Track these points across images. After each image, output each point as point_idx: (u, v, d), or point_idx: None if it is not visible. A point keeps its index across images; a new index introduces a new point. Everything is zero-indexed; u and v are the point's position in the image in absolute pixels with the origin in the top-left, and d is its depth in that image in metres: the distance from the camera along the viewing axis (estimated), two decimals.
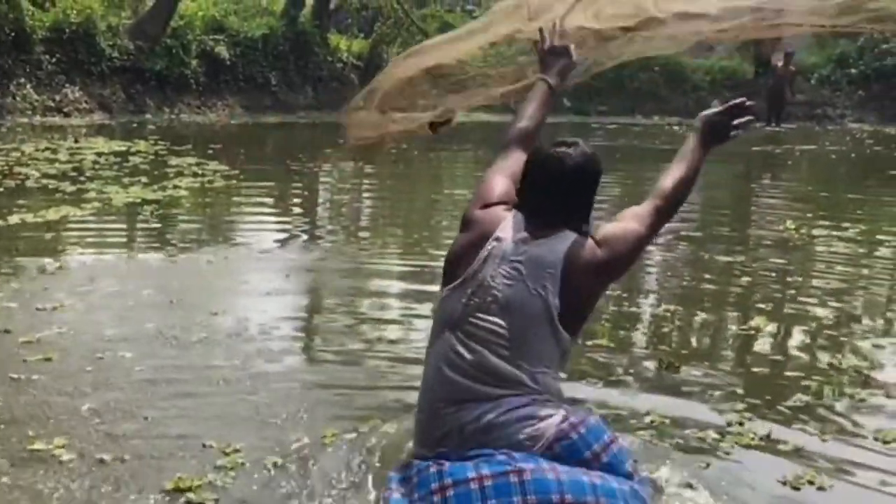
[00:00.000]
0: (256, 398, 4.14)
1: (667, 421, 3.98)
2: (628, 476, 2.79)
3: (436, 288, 3.77)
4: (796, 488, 3.40)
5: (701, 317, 5.83)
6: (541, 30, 3.54)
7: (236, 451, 3.55)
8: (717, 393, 4.41)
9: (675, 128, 21.73)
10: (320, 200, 11.36)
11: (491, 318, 2.87)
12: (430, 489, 2.69)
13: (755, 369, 4.84)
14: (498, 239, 2.96)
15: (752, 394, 4.41)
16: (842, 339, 5.39)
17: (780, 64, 22.39)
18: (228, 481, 3.31)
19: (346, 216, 9.94)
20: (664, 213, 3.11)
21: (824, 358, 4.97)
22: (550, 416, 2.80)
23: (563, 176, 2.99)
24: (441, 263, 3.12)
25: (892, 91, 23.64)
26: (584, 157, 3.02)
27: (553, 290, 2.86)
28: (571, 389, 4.22)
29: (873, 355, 5.06)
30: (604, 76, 24.44)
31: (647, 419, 4.00)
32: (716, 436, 3.85)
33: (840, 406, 4.29)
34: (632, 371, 4.70)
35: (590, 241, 2.95)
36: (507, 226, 2.99)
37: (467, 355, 2.87)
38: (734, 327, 5.63)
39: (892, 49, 23.54)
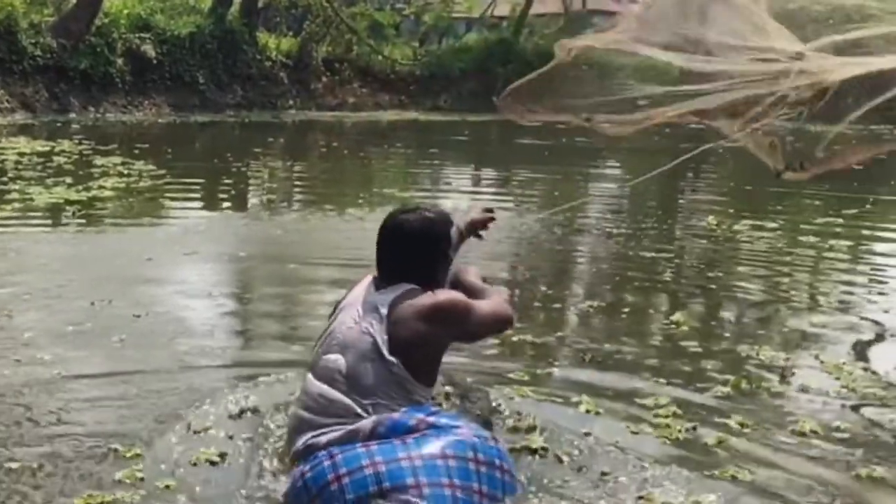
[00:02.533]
0: (177, 399, 4.09)
1: (593, 415, 4.00)
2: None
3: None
4: (720, 480, 3.44)
5: (625, 311, 5.91)
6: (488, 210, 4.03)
7: (137, 454, 3.49)
8: (642, 386, 4.46)
9: (605, 125, 21.95)
10: (249, 199, 11.28)
11: (332, 356, 3.26)
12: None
13: (677, 363, 4.91)
14: (352, 294, 3.44)
15: (675, 387, 4.46)
16: (760, 332, 5.52)
17: None
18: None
19: (275, 215, 9.88)
20: (490, 324, 3.51)
21: (743, 352, 5.06)
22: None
23: (401, 239, 3.41)
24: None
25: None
26: (422, 224, 3.43)
27: (380, 329, 3.23)
28: (498, 386, 4.28)
29: (790, 349, 5.17)
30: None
31: (577, 413, 4.03)
32: (647, 429, 3.89)
33: (758, 399, 4.37)
34: (556, 366, 4.74)
35: (422, 291, 3.34)
36: (361, 284, 3.44)
37: (313, 391, 3.24)
38: (657, 322, 5.72)
39: None
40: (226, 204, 10.64)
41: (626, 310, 5.94)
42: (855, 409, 4.29)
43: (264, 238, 8.42)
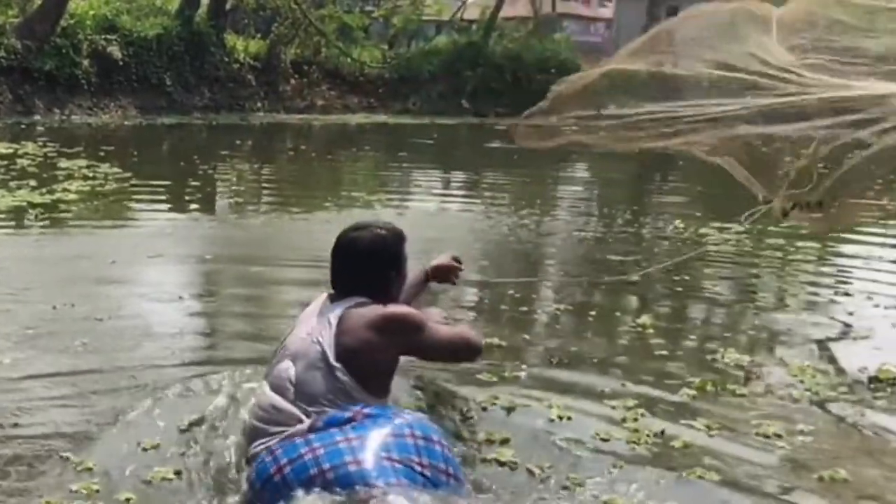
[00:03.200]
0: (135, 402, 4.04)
1: (564, 420, 3.97)
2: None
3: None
4: (687, 483, 3.43)
5: (592, 314, 5.91)
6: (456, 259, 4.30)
7: (89, 468, 3.41)
8: (610, 389, 4.45)
9: (573, 129, 22.03)
10: (216, 202, 11.21)
11: (283, 365, 3.31)
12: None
13: (644, 365, 4.92)
14: (307, 309, 3.52)
15: (642, 390, 4.47)
16: (726, 334, 5.54)
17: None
18: None
19: (242, 218, 9.82)
20: (447, 345, 3.57)
21: (709, 353, 5.08)
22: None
23: (354, 255, 3.51)
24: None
25: None
26: (374, 240, 3.54)
27: (329, 337, 3.28)
28: (465, 386, 4.25)
29: (755, 351, 5.20)
30: (502, 79, 24.77)
31: (547, 417, 4.01)
32: (615, 433, 3.87)
33: (723, 401, 4.38)
34: (524, 368, 4.73)
35: (373, 304, 3.42)
36: (318, 300, 3.53)
37: (265, 401, 3.28)
38: (624, 324, 5.73)
39: None
40: (192, 207, 10.56)
41: (594, 312, 5.94)
42: (818, 410, 4.30)
43: (231, 240, 8.38)
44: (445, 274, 4.26)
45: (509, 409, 4.04)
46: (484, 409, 4.00)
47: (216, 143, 17.20)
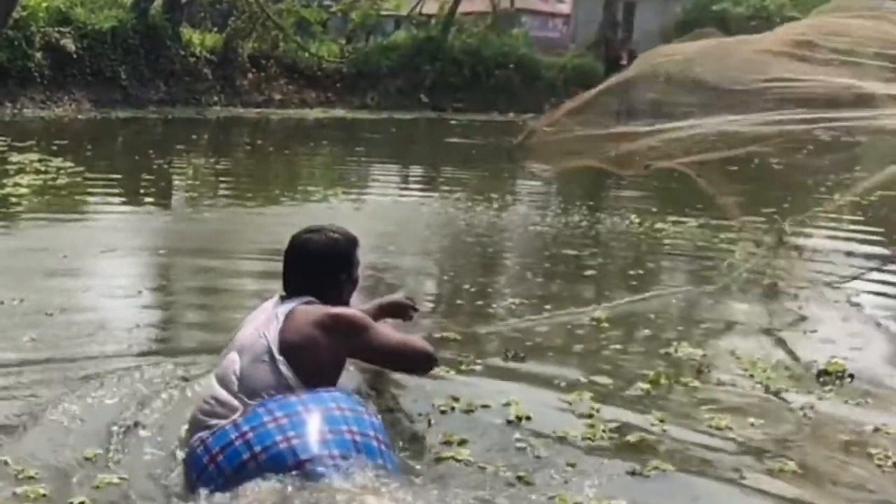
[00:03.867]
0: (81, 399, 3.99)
1: (523, 420, 3.94)
2: None
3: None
4: (645, 480, 3.44)
5: (548, 307, 5.91)
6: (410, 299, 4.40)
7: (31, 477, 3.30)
8: (564, 384, 4.45)
9: (532, 123, 22.09)
10: (171, 196, 11.11)
11: (230, 358, 3.34)
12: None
13: (599, 360, 4.94)
14: (258, 308, 3.59)
15: (597, 385, 4.47)
16: (679, 328, 5.58)
17: (624, 62, 23.09)
18: None
19: (197, 212, 9.74)
20: (395, 351, 3.61)
21: (662, 347, 5.12)
22: None
23: (305, 257, 3.61)
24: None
25: None
26: (326, 243, 3.63)
27: (274, 334, 3.32)
28: (422, 382, 4.23)
29: (708, 344, 5.25)
30: (461, 74, 24.79)
31: (505, 417, 3.97)
32: (570, 430, 3.85)
33: (676, 394, 4.41)
34: (479, 363, 4.72)
35: (321, 305, 3.49)
36: (269, 301, 3.59)
37: (209, 393, 3.30)
38: (579, 317, 5.74)
39: None
40: (147, 200, 10.45)
41: (549, 306, 5.95)
42: (769, 402, 4.35)
43: (186, 234, 8.32)
44: (399, 311, 4.32)
45: (468, 411, 3.99)
46: (443, 412, 3.96)
47: (172, 138, 17.04)
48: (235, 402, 3.20)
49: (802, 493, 3.45)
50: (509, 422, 3.90)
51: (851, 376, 4.65)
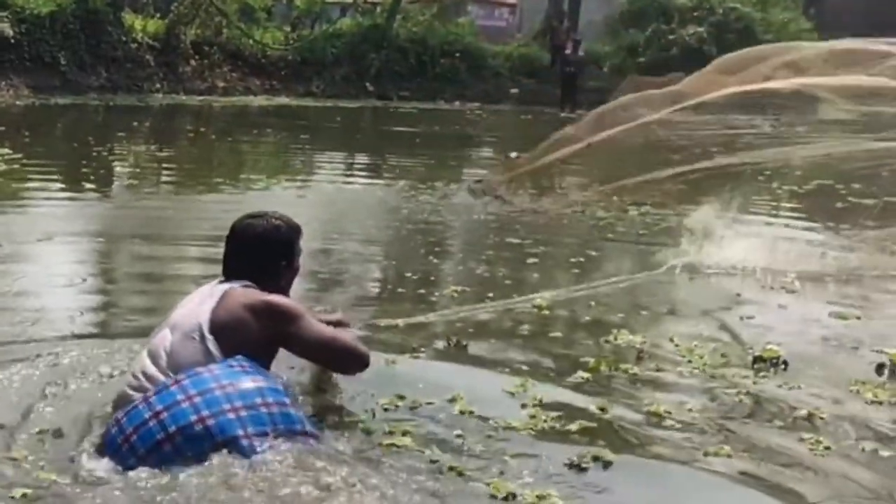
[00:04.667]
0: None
1: (465, 411, 3.90)
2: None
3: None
4: (583, 468, 3.44)
5: (489, 297, 5.92)
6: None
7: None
8: (506, 372, 4.46)
9: (480, 113, 22.16)
10: (111, 183, 10.96)
11: (162, 333, 3.39)
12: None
13: (541, 348, 4.97)
14: (196, 290, 3.62)
15: (538, 373, 4.49)
16: (619, 315, 5.63)
17: (569, 51, 23.24)
18: None
19: (137, 200, 9.62)
20: (326, 345, 3.60)
21: (603, 335, 5.16)
22: None
23: (246, 242, 3.63)
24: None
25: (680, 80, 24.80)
26: (267, 228, 3.65)
27: (206, 314, 3.35)
28: (365, 372, 4.19)
29: (646, 332, 5.29)
30: (406, 62, 24.73)
31: (453, 412, 3.93)
32: (511, 420, 3.84)
33: (616, 381, 4.45)
34: (423, 351, 4.72)
35: (257, 289, 3.51)
36: (209, 284, 3.60)
37: (138, 368, 3.32)
38: (521, 305, 5.76)
39: (677, 40, 24.70)
40: (87, 187, 10.32)
41: (491, 294, 5.97)
42: (706, 389, 4.41)
43: (125, 221, 8.24)
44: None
45: (412, 403, 3.93)
46: (386, 409, 3.89)
47: (113, 125, 16.79)
48: (162, 378, 3.21)
49: (737, 478, 3.51)
50: (452, 412, 3.88)
51: (786, 363, 4.73)
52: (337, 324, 4.07)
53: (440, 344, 4.90)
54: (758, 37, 25.16)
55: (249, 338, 3.36)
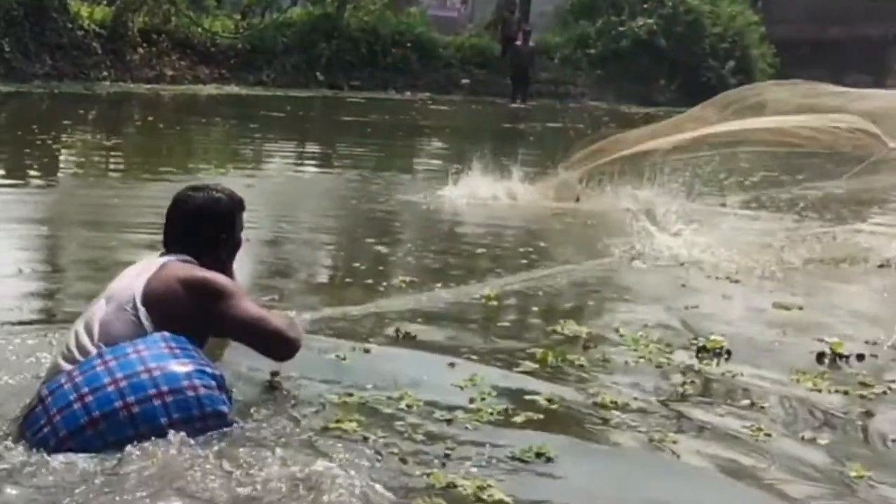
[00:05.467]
0: None
1: (411, 403, 3.88)
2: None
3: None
4: (525, 460, 3.43)
5: (438, 286, 5.93)
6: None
7: None
8: (455, 361, 4.43)
9: (431, 103, 22.14)
10: (55, 172, 10.81)
11: (98, 305, 3.38)
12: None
13: (489, 339, 4.97)
14: (136, 263, 3.62)
15: (486, 364, 4.47)
16: (566, 305, 5.67)
17: (519, 42, 23.30)
18: None
19: (80, 188, 9.50)
20: (256, 326, 3.49)
21: (550, 325, 5.19)
22: None
23: (186, 213, 3.62)
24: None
25: (627, 71, 24.96)
26: (207, 201, 3.62)
27: (140, 285, 3.34)
28: (315, 368, 4.16)
29: (593, 322, 5.34)
30: (357, 51, 24.63)
31: (400, 404, 3.89)
32: (459, 414, 3.81)
33: (563, 372, 4.45)
34: (371, 341, 4.67)
35: (195, 264, 3.50)
36: (149, 258, 3.61)
37: (71, 339, 3.31)
38: (469, 296, 5.78)
39: (627, 32, 24.84)
40: (31, 175, 10.17)
41: (440, 284, 5.98)
42: (650, 378, 4.43)
43: (71, 209, 8.15)
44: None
45: (358, 397, 3.88)
46: (330, 399, 3.84)
47: (59, 113, 16.51)
48: (94, 350, 3.20)
49: (682, 464, 3.56)
50: (398, 403, 3.86)
51: (729, 352, 4.80)
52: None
53: (389, 333, 4.89)
54: (706, 29, 25.37)
55: (180, 312, 3.33)
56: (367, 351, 4.50)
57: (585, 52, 25.41)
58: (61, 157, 11.77)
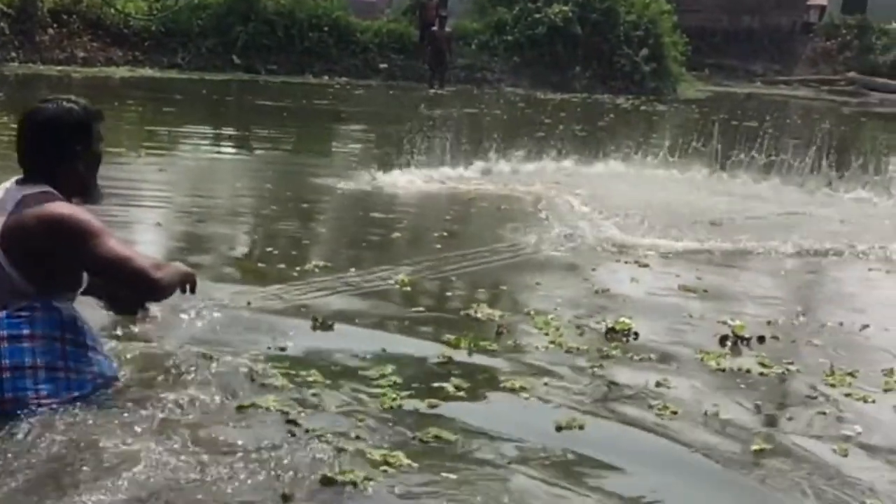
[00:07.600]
0: None
1: (324, 389, 3.87)
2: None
3: None
4: (438, 449, 3.45)
5: (350, 274, 5.91)
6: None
7: None
8: (368, 354, 4.38)
9: (348, 88, 22.02)
10: None
11: None
12: None
13: (402, 325, 4.99)
14: None
15: (398, 353, 4.46)
16: (480, 289, 5.73)
17: (436, 27, 23.34)
18: None
19: None
20: (115, 263, 3.33)
21: (463, 310, 5.24)
22: None
23: (35, 127, 3.39)
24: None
25: (543, 58, 25.12)
26: (58, 110, 3.40)
27: (0, 222, 3.24)
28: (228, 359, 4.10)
29: (505, 306, 5.40)
30: (274, 35, 24.39)
31: (308, 387, 3.89)
32: (366, 400, 3.82)
33: (475, 358, 4.48)
34: (291, 335, 4.58)
35: (56, 195, 3.32)
36: (4, 185, 3.39)
37: None
38: (384, 281, 5.79)
39: (543, 19, 24.99)
40: None
41: (353, 269, 5.99)
42: (560, 361, 4.50)
43: None
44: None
45: (273, 384, 3.84)
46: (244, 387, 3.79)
47: None
48: None
49: (591, 451, 3.57)
50: (310, 389, 3.85)
51: (636, 334, 4.92)
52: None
53: (304, 319, 4.87)
54: (621, 17, 25.67)
55: (36, 249, 3.26)
56: (282, 349, 4.41)
57: (502, 39, 25.47)
58: None
